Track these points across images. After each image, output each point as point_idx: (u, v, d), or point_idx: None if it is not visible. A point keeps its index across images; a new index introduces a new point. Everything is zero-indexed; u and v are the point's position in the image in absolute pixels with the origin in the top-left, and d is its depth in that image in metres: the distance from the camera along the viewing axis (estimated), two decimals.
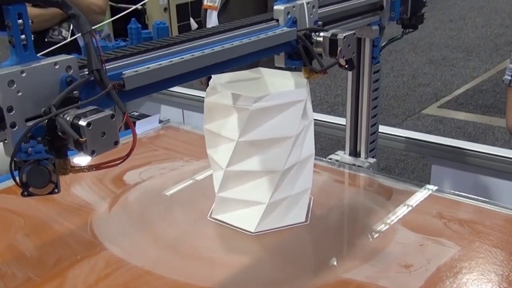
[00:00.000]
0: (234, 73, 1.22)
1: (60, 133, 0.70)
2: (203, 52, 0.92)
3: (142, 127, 1.80)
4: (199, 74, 0.94)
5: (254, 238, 1.15)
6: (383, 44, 1.54)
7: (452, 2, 8.37)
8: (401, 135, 1.86)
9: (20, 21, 0.70)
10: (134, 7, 1.27)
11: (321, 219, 1.21)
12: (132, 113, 2.07)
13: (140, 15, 4.93)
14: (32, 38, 0.73)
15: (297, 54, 1.08)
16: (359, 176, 1.44)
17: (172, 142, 1.75)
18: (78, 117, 0.69)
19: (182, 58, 0.89)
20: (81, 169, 0.78)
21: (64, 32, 2.59)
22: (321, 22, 1.13)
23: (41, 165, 0.69)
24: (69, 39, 2.60)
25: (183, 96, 2.24)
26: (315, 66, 1.07)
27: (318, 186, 1.33)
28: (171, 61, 0.88)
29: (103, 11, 2.61)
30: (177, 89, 2.28)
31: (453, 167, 1.75)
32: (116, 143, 0.72)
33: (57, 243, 1.18)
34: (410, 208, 1.25)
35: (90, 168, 0.78)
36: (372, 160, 1.57)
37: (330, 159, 1.57)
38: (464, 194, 1.29)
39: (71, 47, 0.77)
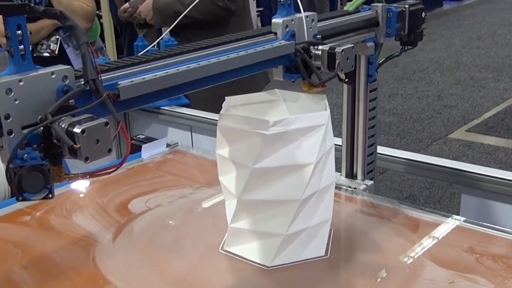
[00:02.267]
0: (249, 95, 1.23)
1: (55, 140, 0.76)
2: (199, 64, 0.98)
3: (148, 151, 1.81)
4: (195, 86, 0.99)
5: (269, 273, 1.14)
6: (381, 61, 1.55)
7: (480, 18, 8.39)
8: (425, 161, 1.85)
9: (19, 32, 0.77)
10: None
11: (342, 252, 1.21)
12: (138, 136, 2.08)
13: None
14: (30, 49, 0.79)
15: (295, 67, 1.14)
16: (382, 206, 1.43)
17: (181, 168, 1.76)
18: (73, 124, 0.75)
19: (178, 69, 0.95)
20: (75, 176, 0.85)
21: (52, 46, 2.64)
22: (320, 36, 1.19)
23: (36, 170, 0.76)
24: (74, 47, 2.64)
25: (191, 118, 2.24)
26: (313, 80, 1.12)
27: (339, 216, 1.33)
28: (167, 72, 0.94)
29: (90, 18, 2.67)
30: (185, 110, 2.29)
31: (484, 197, 1.73)
32: (110, 150, 0.78)
33: (57, 277, 1.18)
34: (438, 241, 1.24)
35: (84, 176, 0.83)
36: (369, 182, 1.58)
37: None
38: (497, 226, 1.28)
39: (60, 61, 0.83)
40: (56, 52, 2.62)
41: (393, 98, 5.37)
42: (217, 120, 1.16)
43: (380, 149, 1.82)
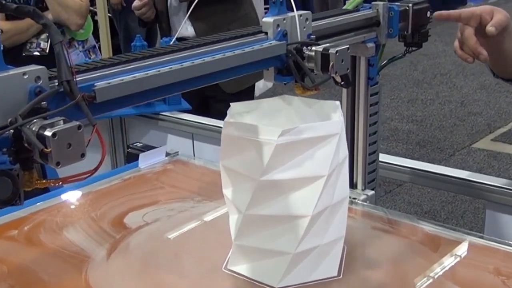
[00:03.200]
0: (256, 101, 1.24)
1: (26, 144, 0.78)
2: (182, 65, 1.00)
3: (146, 161, 1.81)
4: (177, 89, 1.01)
5: None
6: (383, 63, 1.56)
7: None
8: (447, 173, 1.85)
9: None
10: None
11: (356, 273, 1.21)
12: (135, 144, 2.09)
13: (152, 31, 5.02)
14: (1, 48, 0.81)
15: (287, 69, 1.16)
16: (399, 222, 1.43)
17: (181, 179, 1.77)
18: (44, 127, 0.77)
19: (159, 71, 0.97)
20: (47, 182, 0.85)
21: (42, 44, 2.66)
22: (314, 36, 1.21)
23: (4, 175, 0.77)
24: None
25: (193, 125, 2.25)
26: (307, 82, 1.14)
27: (353, 233, 1.33)
28: (147, 73, 0.95)
29: (83, 14, 2.70)
30: (186, 116, 2.30)
31: (511, 213, 1.73)
32: (83, 155, 0.80)
33: None
34: (460, 261, 1.24)
35: (56, 181, 0.85)
36: (369, 192, 1.59)
37: None
38: None
39: (52, 61, 0.85)
40: (47, 51, 2.64)
41: (412, 104, 5.37)
42: (221, 128, 1.16)
43: (397, 160, 1.82)
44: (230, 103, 1.19)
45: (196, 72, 1.02)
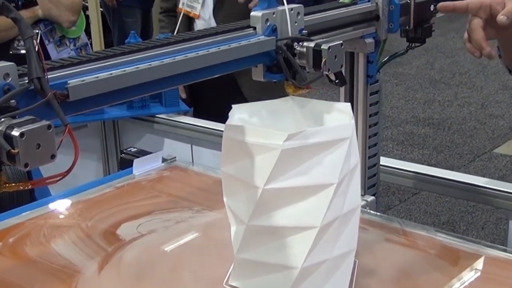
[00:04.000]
0: (260, 103, 1.23)
1: None
2: (162, 62, 1.00)
3: (140, 167, 1.81)
4: (157, 87, 1.01)
5: None
6: (384, 60, 1.56)
7: None
8: (467, 181, 1.85)
9: None
10: None
11: None
12: (129, 149, 2.09)
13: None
14: None
15: (277, 66, 1.17)
16: (415, 234, 1.43)
17: (179, 187, 1.77)
18: (12, 127, 0.77)
19: (138, 67, 0.97)
20: (15, 186, 0.86)
21: None
22: (306, 31, 1.22)
23: None
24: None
25: (192, 128, 2.26)
26: (298, 81, 1.16)
27: (364, 246, 1.33)
28: (124, 70, 0.96)
29: (76, 10, 2.70)
30: (185, 119, 2.30)
31: None
32: (53, 156, 0.81)
33: None
34: (481, 276, 1.24)
35: (25, 184, 0.86)
36: (369, 198, 1.59)
37: None
38: None
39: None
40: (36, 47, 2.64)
41: (429, 106, 5.37)
42: (222, 131, 1.16)
43: (413, 167, 1.82)
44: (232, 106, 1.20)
45: (177, 69, 1.02)
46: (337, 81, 1.18)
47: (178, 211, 1.59)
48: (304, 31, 1.22)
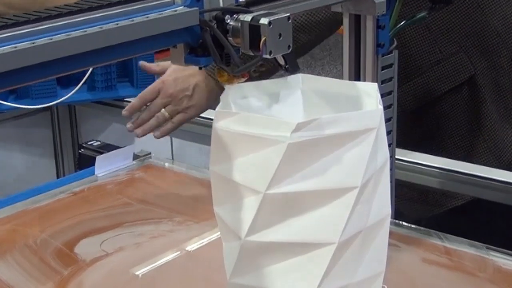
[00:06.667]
0: (260, 83, 1.24)
1: None
2: (34, 43, 0.94)
3: (105, 166, 1.82)
4: (31, 76, 0.96)
5: None
6: (399, 25, 1.55)
7: None
8: None
9: None
10: None
11: None
12: (90, 143, 2.09)
13: None
14: None
15: (203, 47, 1.11)
16: (461, 253, 1.44)
17: (155, 191, 1.77)
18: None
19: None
20: None
21: None
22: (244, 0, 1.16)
23: None
24: None
25: None
26: (232, 66, 1.11)
27: (395, 268, 1.33)
28: None
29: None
30: None
31: None
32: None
33: None
34: None
35: None
36: None
37: None
38: None
39: None
40: None
41: None
42: (211, 121, 1.16)
43: (457, 165, 1.82)
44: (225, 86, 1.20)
45: (56, 53, 0.96)
46: (287, 66, 1.15)
47: (153, 223, 1.60)
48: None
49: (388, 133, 1.58)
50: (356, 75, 1.54)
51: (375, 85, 1.20)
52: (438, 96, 1.81)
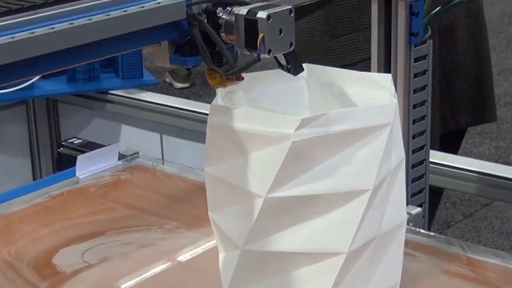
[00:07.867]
0: (260, 74, 1.24)
1: None
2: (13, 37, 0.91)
3: (87, 167, 1.82)
4: (15, 74, 0.94)
5: None
6: (436, 10, 1.55)
7: None
8: None
9: None
10: None
11: None
12: (70, 141, 2.10)
13: None
14: None
15: (190, 45, 1.09)
16: (487, 264, 1.44)
17: (144, 195, 1.77)
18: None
19: None
20: None
21: None
22: None
23: None
24: None
25: (162, 111, 2.26)
26: (224, 67, 1.08)
27: (412, 280, 1.34)
28: None
29: None
30: (151, 97, 2.30)
31: None
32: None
33: None
34: None
35: None
36: (414, 210, 1.58)
37: None
38: None
39: None
40: None
41: (506, 77, 5.37)
42: (206, 116, 1.17)
43: (482, 166, 1.83)
44: None
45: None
46: (288, 66, 1.12)
47: (141, 230, 1.60)
48: None
49: (421, 133, 1.59)
50: (386, 68, 1.54)
51: (389, 76, 1.21)
52: None
